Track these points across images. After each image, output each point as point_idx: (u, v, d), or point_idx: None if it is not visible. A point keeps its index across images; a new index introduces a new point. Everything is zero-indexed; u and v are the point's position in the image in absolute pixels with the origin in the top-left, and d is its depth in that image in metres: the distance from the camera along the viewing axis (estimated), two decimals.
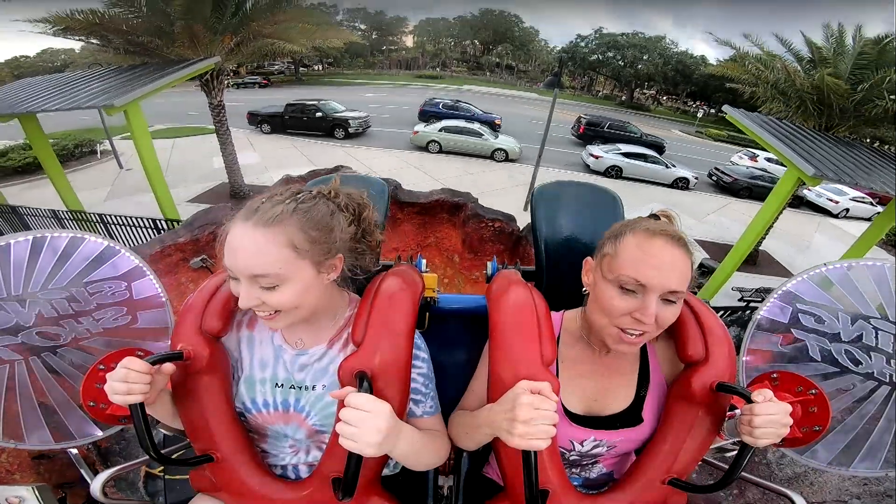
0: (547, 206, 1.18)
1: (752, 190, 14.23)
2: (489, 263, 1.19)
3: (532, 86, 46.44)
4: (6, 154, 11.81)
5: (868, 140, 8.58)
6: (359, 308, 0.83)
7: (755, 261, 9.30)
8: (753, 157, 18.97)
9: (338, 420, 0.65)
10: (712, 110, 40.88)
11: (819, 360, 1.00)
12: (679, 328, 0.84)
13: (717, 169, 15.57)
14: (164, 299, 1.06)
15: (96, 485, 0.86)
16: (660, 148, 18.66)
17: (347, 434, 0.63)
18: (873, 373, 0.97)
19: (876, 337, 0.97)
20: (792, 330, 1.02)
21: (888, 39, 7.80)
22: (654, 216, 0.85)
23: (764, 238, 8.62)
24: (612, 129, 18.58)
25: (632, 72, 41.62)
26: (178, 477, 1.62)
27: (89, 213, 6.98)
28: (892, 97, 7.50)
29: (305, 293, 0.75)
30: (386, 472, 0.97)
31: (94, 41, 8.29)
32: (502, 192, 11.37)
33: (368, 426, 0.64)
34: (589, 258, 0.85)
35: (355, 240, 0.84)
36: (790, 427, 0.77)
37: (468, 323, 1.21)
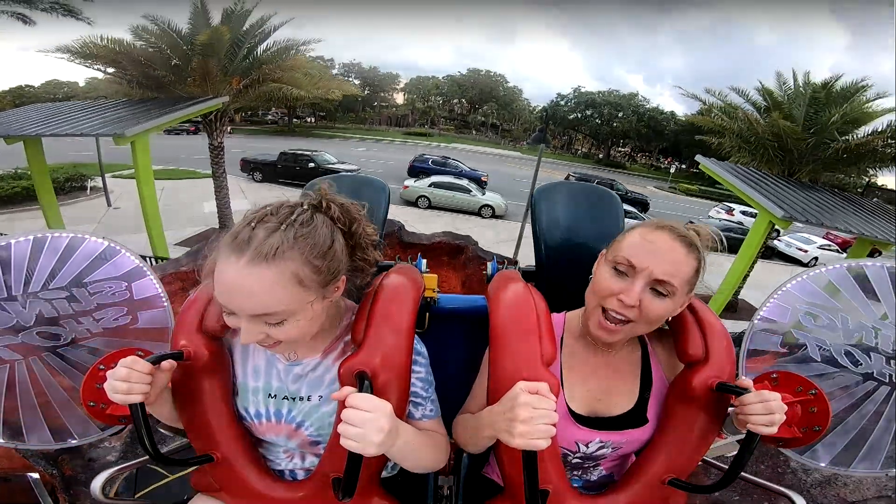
0: (547, 206, 1.18)
1: (724, 242, 14.61)
2: (489, 264, 1.19)
3: (516, 145, 47.54)
4: None
5: (827, 186, 9.16)
6: (359, 308, 0.83)
7: (735, 308, 9.48)
8: (730, 211, 19.61)
9: (338, 421, 0.65)
10: (683, 165, 42.40)
11: (819, 360, 1.00)
12: (679, 327, 0.84)
13: (691, 223, 15.90)
14: (164, 299, 1.05)
15: (96, 484, 0.86)
16: (644, 205, 19.59)
17: (350, 435, 0.63)
18: (873, 373, 0.97)
19: (876, 337, 0.97)
20: (792, 330, 1.01)
21: (832, 82, 8.29)
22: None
23: (742, 286, 8.93)
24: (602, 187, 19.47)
25: (608, 129, 43.04)
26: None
27: None
28: (844, 138, 8.00)
29: (313, 323, 0.73)
30: (385, 472, 0.97)
31: (110, 71, 8.58)
32: (490, 246, 11.42)
33: (371, 426, 0.63)
34: (605, 250, 0.87)
35: (348, 255, 0.78)
36: (791, 427, 0.77)
37: (468, 323, 1.21)
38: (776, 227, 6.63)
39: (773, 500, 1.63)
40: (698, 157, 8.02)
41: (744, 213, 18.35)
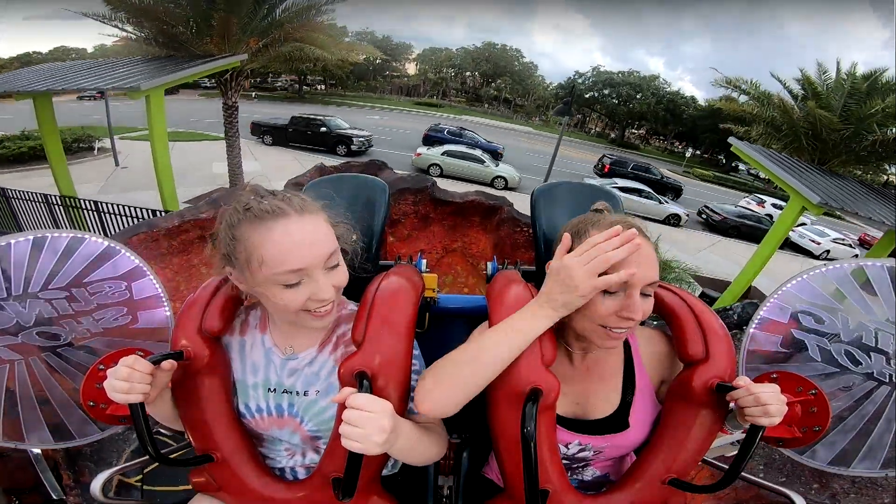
0: (547, 206, 1.18)
1: (741, 229, 14.61)
2: (489, 264, 1.19)
3: (528, 120, 46.77)
4: (2, 142, 11.93)
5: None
6: (359, 308, 0.83)
7: (748, 294, 9.53)
8: (761, 203, 19.13)
9: (339, 421, 0.65)
10: (698, 151, 42.15)
11: (819, 360, 1.00)
12: (678, 327, 0.84)
13: (706, 207, 16.01)
14: (164, 299, 1.06)
15: (96, 484, 0.86)
16: (678, 191, 19.25)
17: (352, 435, 0.63)
18: (873, 373, 0.97)
19: (876, 337, 0.97)
20: (792, 330, 1.01)
21: (878, 73, 8.25)
22: (597, 210, 0.85)
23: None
24: (636, 170, 19.07)
25: (625, 110, 42.41)
26: (157, 488, 1.48)
27: (82, 200, 6.81)
28: (882, 131, 7.93)
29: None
30: (385, 472, 0.97)
31: (129, 28, 8.61)
32: None
33: (372, 426, 0.64)
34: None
35: None
36: (791, 427, 0.77)
37: (468, 323, 1.21)
38: (798, 221, 6.59)
39: (742, 491, 1.61)
40: (731, 139, 7.85)
41: (775, 205, 18.08)
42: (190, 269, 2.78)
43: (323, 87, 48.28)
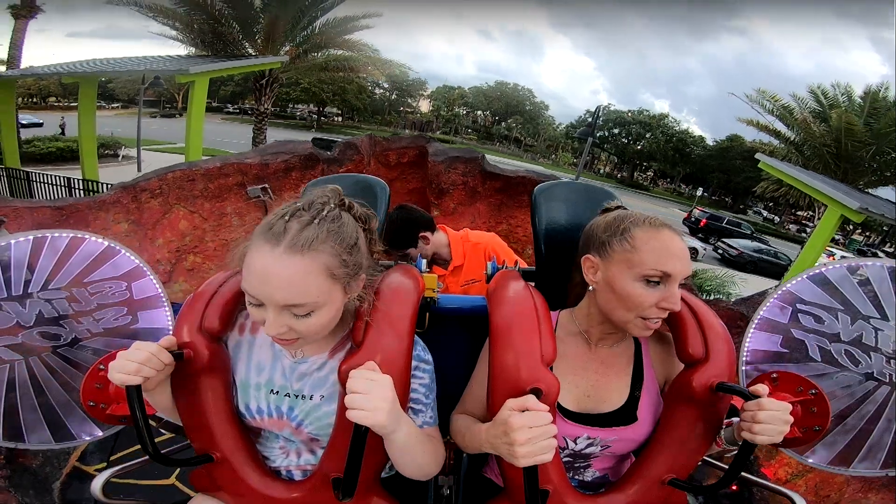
0: (547, 206, 1.18)
1: (758, 264, 14.52)
2: (489, 264, 1.19)
3: (538, 159, 46.83)
4: (31, 142, 12.92)
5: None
6: (359, 308, 0.83)
7: None
8: (831, 255, 18.96)
9: (340, 420, 0.66)
10: (705, 193, 42.29)
11: (819, 360, 1.00)
12: (679, 327, 0.84)
13: (722, 242, 16.01)
14: (164, 299, 1.06)
15: (97, 484, 0.86)
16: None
17: (356, 404, 0.64)
18: (873, 373, 0.97)
19: (876, 337, 0.97)
20: (792, 330, 1.01)
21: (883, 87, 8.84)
22: (607, 210, 0.92)
23: None
24: (730, 225, 19.88)
25: (635, 149, 42.10)
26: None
27: (104, 185, 7.12)
28: None
29: (334, 318, 0.74)
30: (385, 473, 0.97)
31: (179, 26, 9.45)
32: None
33: (376, 394, 0.65)
34: (589, 256, 0.85)
35: (367, 252, 0.80)
36: (790, 427, 0.77)
37: (468, 323, 1.21)
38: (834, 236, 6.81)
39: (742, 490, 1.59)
40: (759, 155, 8.08)
41: (843, 257, 18.06)
42: (221, 219, 2.63)
43: (340, 118, 49.05)
